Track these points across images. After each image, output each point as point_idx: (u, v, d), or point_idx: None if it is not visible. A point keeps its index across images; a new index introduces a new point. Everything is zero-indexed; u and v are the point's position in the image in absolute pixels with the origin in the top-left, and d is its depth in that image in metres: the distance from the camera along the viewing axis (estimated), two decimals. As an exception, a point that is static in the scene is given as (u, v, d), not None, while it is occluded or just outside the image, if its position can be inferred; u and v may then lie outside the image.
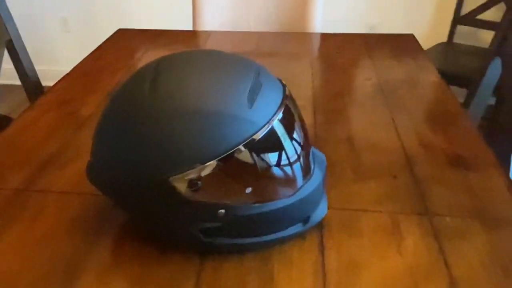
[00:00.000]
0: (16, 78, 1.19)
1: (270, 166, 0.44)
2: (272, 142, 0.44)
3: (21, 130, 0.76)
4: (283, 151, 0.45)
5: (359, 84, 0.91)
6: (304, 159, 0.48)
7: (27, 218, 0.56)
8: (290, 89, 0.50)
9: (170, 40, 1.17)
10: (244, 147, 0.42)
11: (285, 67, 1.00)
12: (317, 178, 0.50)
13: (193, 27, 1.38)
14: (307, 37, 1.22)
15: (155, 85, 0.43)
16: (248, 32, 1.24)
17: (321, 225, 0.53)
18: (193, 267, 0.48)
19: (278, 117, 0.44)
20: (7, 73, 1.62)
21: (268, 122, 0.43)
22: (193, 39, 1.20)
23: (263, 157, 0.44)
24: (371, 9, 2.07)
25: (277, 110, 0.44)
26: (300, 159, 0.47)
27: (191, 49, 0.49)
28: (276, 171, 0.45)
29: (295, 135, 0.47)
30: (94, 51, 1.12)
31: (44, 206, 0.58)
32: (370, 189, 0.59)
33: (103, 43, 1.17)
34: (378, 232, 0.52)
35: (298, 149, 0.47)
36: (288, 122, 0.46)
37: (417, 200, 0.57)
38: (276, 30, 1.35)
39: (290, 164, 0.46)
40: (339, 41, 1.14)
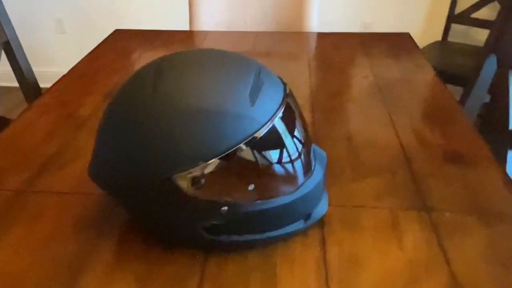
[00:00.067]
0: (13, 80, 1.19)
1: (272, 164, 0.45)
2: (274, 140, 0.45)
3: (20, 131, 0.76)
4: (285, 149, 0.45)
5: (357, 83, 0.91)
6: (305, 156, 0.49)
7: (28, 219, 0.55)
8: (289, 88, 0.50)
9: (167, 41, 1.17)
10: (246, 145, 0.42)
11: (282, 67, 1.00)
12: (318, 175, 0.51)
13: (190, 27, 1.38)
14: (304, 37, 1.22)
15: (157, 84, 0.43)
16: (245, 32, 1.25)
17: (322, 222, 0.53)
18: (197, 264, 0.48)
19: (280, 115, 0.44)
20: (3, 75, 1.62)
21: (270, 120, 0.43)
22: (190, 39, 1.21)
23: (265, 155, 0.44)
24: (366, 8, 2.08)
25: (278, 108, 0.45)
26: (301, 157, 0.48)
27: (192, 49, 0.49)
28: (278, 169, 0.46)
29: (296, 133, 0.47)
30: (91, 52, 1.11)
31: (45, 207, 0.57)
32: (370, 186, 0.60)
33: (100, 44, 1.17)
34: (378, 228, 0.53)
35: (299, 147, 0.47)
36: (289, 120, 0.46)
37: (416, 196, 0.58)
38: (273, 30, 1.35)
39: (292, 162, 0.46)
40: (336, 40, 1.14)
